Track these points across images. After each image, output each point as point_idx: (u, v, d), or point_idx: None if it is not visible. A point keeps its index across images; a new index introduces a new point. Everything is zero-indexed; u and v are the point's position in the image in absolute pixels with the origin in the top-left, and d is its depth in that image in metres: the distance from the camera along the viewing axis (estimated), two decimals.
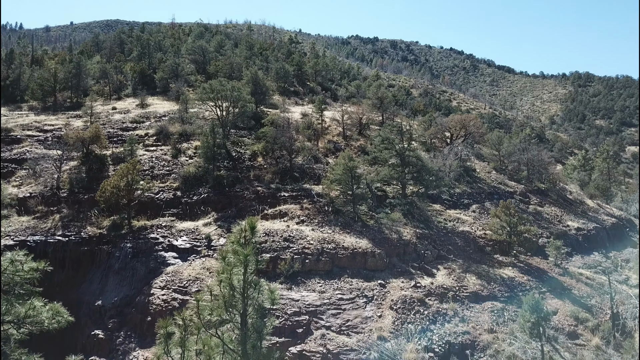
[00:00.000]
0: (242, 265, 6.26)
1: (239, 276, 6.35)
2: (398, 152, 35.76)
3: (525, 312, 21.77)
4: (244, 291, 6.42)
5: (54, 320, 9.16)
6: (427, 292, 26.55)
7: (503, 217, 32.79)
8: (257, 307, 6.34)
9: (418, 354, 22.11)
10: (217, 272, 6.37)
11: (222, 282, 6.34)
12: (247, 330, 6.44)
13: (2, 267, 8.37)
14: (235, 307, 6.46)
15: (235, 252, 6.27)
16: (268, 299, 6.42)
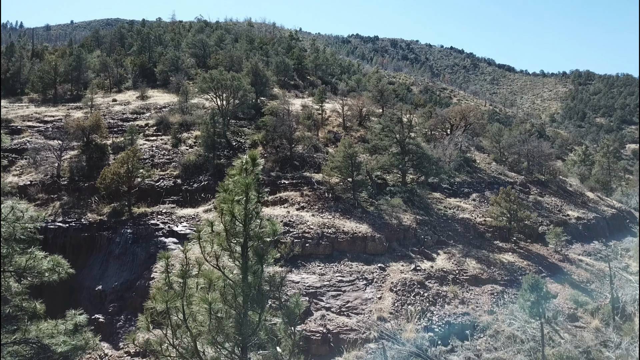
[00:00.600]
0: (243, 194, 6.28)
1: (240, 206, 6.38)
2: (398, 139, 35.77)
3: (525, 292, 21.79)
4: (245, 220, 6.43)
5: (54, 271, 9.20)
6: (427, 275, 26.57)
7: (503, 204, 32.81)
8: (258, 235, 6.36)
9: (418, 334, 22.13)
10: (218, 204, 6.39)
11: (224, 212, 6.36)
12: (247, 259, 6.46)
13: (3, 215, 8.39)
14: (236, 236, 6.48)
15: (236, 183, 6.28)
16: (269, 229, 6.44)
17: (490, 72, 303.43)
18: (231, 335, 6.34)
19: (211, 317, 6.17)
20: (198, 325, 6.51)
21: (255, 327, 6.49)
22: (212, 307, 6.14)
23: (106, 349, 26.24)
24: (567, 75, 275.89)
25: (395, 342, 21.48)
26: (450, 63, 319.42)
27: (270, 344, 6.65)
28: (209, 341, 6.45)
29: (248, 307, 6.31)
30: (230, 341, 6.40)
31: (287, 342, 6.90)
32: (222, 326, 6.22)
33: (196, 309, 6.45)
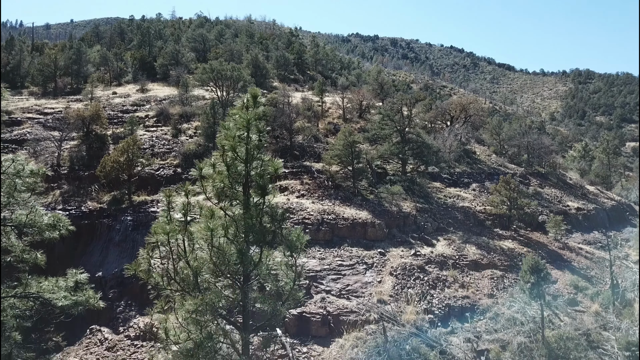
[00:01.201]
0: (244, 129, 6.28)
1: (241, 148, 6.36)
2: (398, 128, 35.78)
3: (525, 273, 21.79)
4: (246, 158, 6.43)
5: (55, 227, 9.21)
6: (427, 260, 26.58)
7: (503, 192, 32.82)
8: (259, 174, 6.34)
9: (418, 316, 22.14)
10: (219, 142, 6.38)
11: (225, 152, 6.35)
12: (249, 197, 6.47)
13: (3, 168, 8.41)
14: (238, 176, 6.48)
15: (237, 120, 6.28)
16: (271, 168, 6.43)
17: (490, 71, 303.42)
18: (232, 266, 6.34)
19: (212, 247, 6.17)
20: (199, 260, 6.52)
21: (257, 261, 6.50)
22: (213, 234, 6.15)
23: (106, 334, 26.28)
24: (567, 74, 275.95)
25: (395, 323, 21.51)
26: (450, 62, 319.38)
27: (270, 280, 6.65)
28: (211, 271, 6.46)
29: (250, 241, 6.32)
30: (231, 272, 6.40)
31: (288, 278, 6.91)
32: (223, 257, 6.23)
33: (197, 246, 6.47)
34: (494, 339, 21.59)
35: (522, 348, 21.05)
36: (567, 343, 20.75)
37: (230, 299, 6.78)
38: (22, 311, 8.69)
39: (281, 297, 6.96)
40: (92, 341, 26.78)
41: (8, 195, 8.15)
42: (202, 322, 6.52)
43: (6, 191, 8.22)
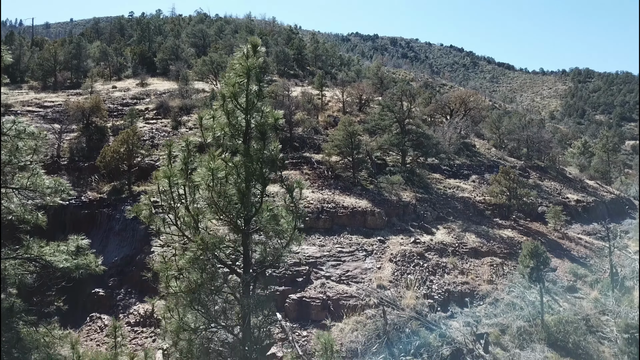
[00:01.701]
0: (245, 76, 6.30)
1: (242, 97, 6.38)
2: (398, 119, 35.82)
3: (525, 258, 21.85)
4: (247, 107, 6.45)
5: (57, 192, 9.24)
6: (427, 248, 26.63)
7: (503, 182, 32.87)
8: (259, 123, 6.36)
9: (417, 300, 22.18)
10: (220, 93, 6.39)
11: (225, 100, 6.37)
12: (249, 148, 6.48)
13: (3, 129, 8.44)
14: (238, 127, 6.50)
15: (236, 70, 6.29)
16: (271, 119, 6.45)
17: (489, 70, 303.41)
18: (233, 206, 6.37)
19: (213, 188, 6.20)
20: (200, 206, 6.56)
21: (258, 204, 6.54)
22: (214, 174, 6.18)
23: (106, 321, 26.36)
24: (566, 73, 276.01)
25: (395, 307, 21.55)
26: (450, 61, 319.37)
27: (271, 225, 6.68)
28: (211, 212, 6.49)
29: (251, 184, 6.35)
30: (232, 215, 6.44)
31: (287, 224, 6.94)
32: (224, 197, 6.25)
33: (198, 195, 6.51)
34: (494, 323, 21.65)
35: (522, 332, 21.12)
36: (566, 327, 20.81)
37: (231, 243, 6.81)
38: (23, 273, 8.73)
39: (282, 241, 6.99)
40: (92, 328, 26.87)
41: (9, 155, 8.18)
42: (202, 264, 6.56)
43: (7, 152, 8.25)
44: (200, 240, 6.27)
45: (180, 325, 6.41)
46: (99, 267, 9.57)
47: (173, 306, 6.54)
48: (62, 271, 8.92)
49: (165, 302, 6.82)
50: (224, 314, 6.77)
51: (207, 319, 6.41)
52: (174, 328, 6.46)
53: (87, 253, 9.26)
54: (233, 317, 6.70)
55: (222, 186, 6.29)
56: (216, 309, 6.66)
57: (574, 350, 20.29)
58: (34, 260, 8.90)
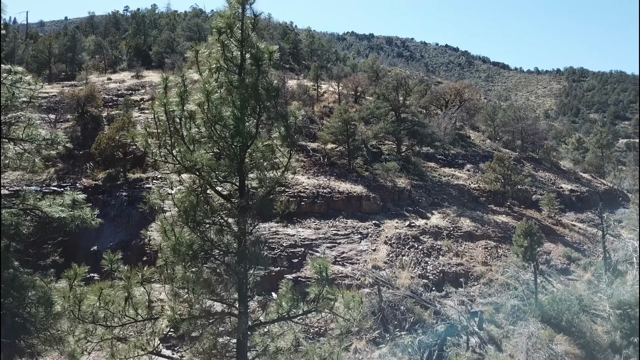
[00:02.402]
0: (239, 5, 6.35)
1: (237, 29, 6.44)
2: (393, 107, 35.94)
3: (519, 237, 22.02)
4: (242, 39, 6.50)
5: (53, 143, 9.28)
6: (422, 231, 26.76)
7: (497, 169, 33.06)
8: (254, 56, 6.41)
9: (412, 280, 22.30)
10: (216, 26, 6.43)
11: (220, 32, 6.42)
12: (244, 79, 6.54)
13: (2, 77, 8.46)
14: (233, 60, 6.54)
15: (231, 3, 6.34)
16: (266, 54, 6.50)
17: (485, 70, 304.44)
18: (229, 130, 6.42)
19: (208, 110, 6.25)
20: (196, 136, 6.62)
21: (253, 133, 6.59)
22: (209, 94, 6.23)
23: None
24: (561, 72, 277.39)
25: (390, 287, 21.65)
26: (445, 60, 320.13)
27: (266, 155, 6.74)
28: (207, 134, 6.54)
29: (246, 112, 6.40)
30: (228, 137, 6.49)
31: (283, 155, 7.01)
32: (219, 118, 6.29)
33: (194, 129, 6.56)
34: (488, 302, 21.81)
35: (516, 310, 21.28)
36: (559, 305, 20.97)
37: (225, 167, 6.85)
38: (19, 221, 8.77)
39: (277, 172, 7.05)
40: None
41: (6, 99, 8.20)
42: (198, 192, 6.61)
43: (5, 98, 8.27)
44: (195, 160, 6.33)
45: (176, 246, 6.46)
46: (95, 221, 9.62)
47: (169, 227, 6.59)
48: (58, 222, 8.96)
49: (161, 224, 6.88)
50: (220, 236, 6.83)
51: (202, 240, 6.47)
52: (170, 248, 6.52)
53: (82, 207, 9.29)
54: (229, 241, 6.76)
55: (217, 110, 6.34)
56: (211, 234, 6.72)
57: (568, 328, 20.45)
58: (31, 211, 8.93)
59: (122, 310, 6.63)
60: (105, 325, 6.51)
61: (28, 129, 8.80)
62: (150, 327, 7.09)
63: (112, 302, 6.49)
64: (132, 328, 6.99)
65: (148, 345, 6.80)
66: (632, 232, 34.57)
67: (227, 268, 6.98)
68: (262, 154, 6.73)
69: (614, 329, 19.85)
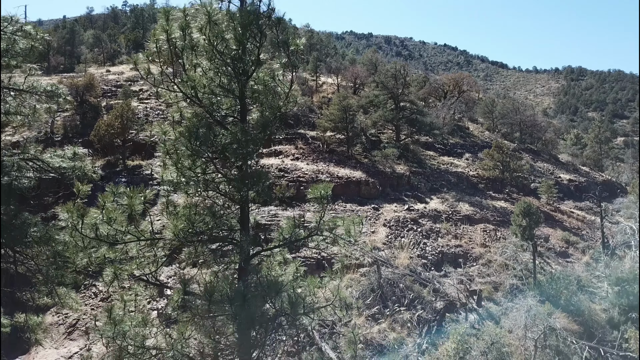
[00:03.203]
0: None
1: None
2: (392, 95, 35.99)
3: (518, 216, 22.07)
4: None
5: (54, 95, 9.32)
6: (421, 215, 26.81)
7: (496, 156, 33.12)
8: None
9: (411, 260, 22.34)
10: None
11: None
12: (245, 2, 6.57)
13: (2, 26, 8.48)
14: None
15: None
16: None
17: (483, 69, 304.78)
18: (231, 52, 6.45)
19: (209, 32, 6.27)
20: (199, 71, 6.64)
21: (254, 59, 6.61)
22: (210, 17, 6.25)
23: (100, 287, 26.31)
24: (559, 71, 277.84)
25: (389, 266, 21.68)
26: (444, 60, 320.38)
27: (268, 81, 6.76)
28: (207, 68, 6.58)
29: (246, 37, 6.42)
30: (229, 65, 6.51)
31: (285, 85, 7.03)
32: (222, 39, 6.31)
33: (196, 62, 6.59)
34: (487, 282, 21.86)
35: (514, 289, 21.33)
36: (558, 284, 21.02)
37: (226, 98, 6.87)
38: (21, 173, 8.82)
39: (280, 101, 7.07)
40: (86, 295, 26.81)
41: (7, 43, 8.22)
42: (199, 117, 6.62)
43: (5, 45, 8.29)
44: (196, 85, 6.35)
45: (178, 164, 6.51)
46: (96, 174, 9.64)
47: (172, 148, 6.62)
48: (58, 172, 8.99)
49: (163, 147, 6.91)
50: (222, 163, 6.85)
51: (205, 156, 6.47)
52: (173, 160, 6.57)
53: (83, 159, 9.33)
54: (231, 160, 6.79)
55: (218, 30, 6.36)
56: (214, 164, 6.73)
57: (566, 307, 20.50)
58: (31, 161, 8.97)
59: (125, 228, 6.65)
60: (108, 242, 6.52)
61: (30, 78, 8.80)
62: (153, 249, 7.14)
63: (114, 220, 6.50)
64: (136, 248, 7.02)
65: (152, 265, 6.87)
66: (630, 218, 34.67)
67: (230, 191, 7.02)
68: (264, 83, 6.74)
69: (612, 305, 19.91)
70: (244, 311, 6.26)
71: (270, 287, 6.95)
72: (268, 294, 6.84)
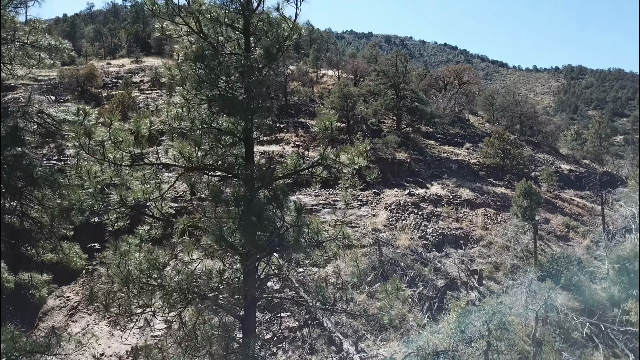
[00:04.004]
0: None
1: None
2: (393, 84, 36.04)
3: (518, 197, 22.11)
4: None
5: (57, 51, 9.37)
6: (421, 199, 26.85)
7: (497, 143, 33.16)
8: None
9: (412, 241, 22.37)
10: None
11: None
12: None
13: None
14: None
15: None
16: None
17: (483, 68, 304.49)
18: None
19: None
20: None
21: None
22: None
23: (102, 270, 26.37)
24: (559, 70, 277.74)
25: (390, 247, 21.72)
26: (444, 59, 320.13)
27: (270, 28, 6.82)
28: None
29: None
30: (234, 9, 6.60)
31: (287, 23, 7.08)
32: None
33: None
34: (488, 262, 21.90)
35: (515, 268, 21.36)
36: (558, 263, 21.06)
37: (234, 35, 6.95)
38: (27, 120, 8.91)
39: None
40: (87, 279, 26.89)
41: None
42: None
43: None
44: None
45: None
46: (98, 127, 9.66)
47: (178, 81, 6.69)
48: (62, 124, 9.06)
49: (168, 82, 6.98)
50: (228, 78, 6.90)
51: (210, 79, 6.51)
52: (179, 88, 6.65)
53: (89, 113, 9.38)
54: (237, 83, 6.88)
55: None
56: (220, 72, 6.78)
57: (566, 286, 20.54)
58: (36, 115, 9.03)
59: (132, 150, 6.71)
60: (114, 163, 6.57)
61: (33, 33, 8.86)
62: (159, 177, 7.21)
63: (121, 141, 6.56)
64: (141, 171, 7.08)
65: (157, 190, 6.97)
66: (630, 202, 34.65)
67: (235, 124, 7.09)
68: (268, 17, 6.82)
69: (612, 284, 19.95)
70: (249, 210, 6.37)
71: (277, 195, 7.08)
72: (274, 199, 6.97)
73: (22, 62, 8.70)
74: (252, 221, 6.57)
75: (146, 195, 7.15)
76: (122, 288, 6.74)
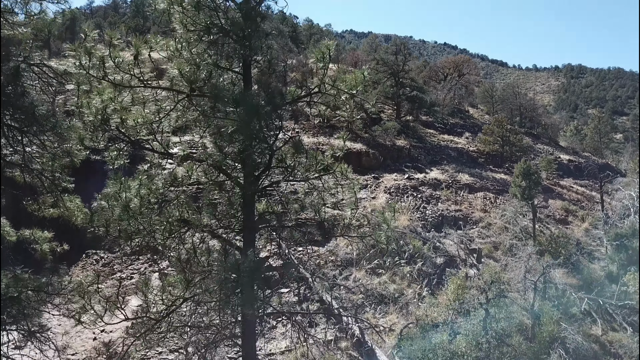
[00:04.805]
0: None
1: None
2: (393, 72, 36.12)
3: (517, 178, 22.19)
4: None
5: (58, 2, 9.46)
6: (421, 183, 26.93)
7: (496, 130, 33.23)
8: None
9: (411, 222, 22.44)
10: None
11: None
12: None
13: None
14: None
15: None
16: None
17: (483, 67, 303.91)
18: None
19: None
20: None
21: None
22: None
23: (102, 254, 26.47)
24: (559, 69, 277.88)
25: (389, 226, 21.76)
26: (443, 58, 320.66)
27: None
28: None
29: None
30: None
31: None
32: None
33: None
34: (487, 242, 21.98)
35: (513, 248, 21.44)
36: (557, 242, 21.14)
37: None
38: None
39: None
40: (88, 262, 26.95)
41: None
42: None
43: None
44: None
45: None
46: None
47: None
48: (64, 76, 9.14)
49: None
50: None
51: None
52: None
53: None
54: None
55: None
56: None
57: (565, 264, 20.61)
58: (37, 66, 9.11)
59: (131, 70, 6.80)
60: (114, 84, 6.65)
61: None
62: (159, 104, 7.29)
63: (122, 60, 6.66)
64: (141, 92, 7.15)
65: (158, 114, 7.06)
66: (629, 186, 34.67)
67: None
68: None
69: (611, 261, 20.02)
70: (246, 103, 6.50)
71: (273, 96, 7.22)
72: (270, 101, 7.08)
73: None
74: (250, 115, 6.68)
75: (146, 119, 7.23)
76: (122, 215, 6.83)
